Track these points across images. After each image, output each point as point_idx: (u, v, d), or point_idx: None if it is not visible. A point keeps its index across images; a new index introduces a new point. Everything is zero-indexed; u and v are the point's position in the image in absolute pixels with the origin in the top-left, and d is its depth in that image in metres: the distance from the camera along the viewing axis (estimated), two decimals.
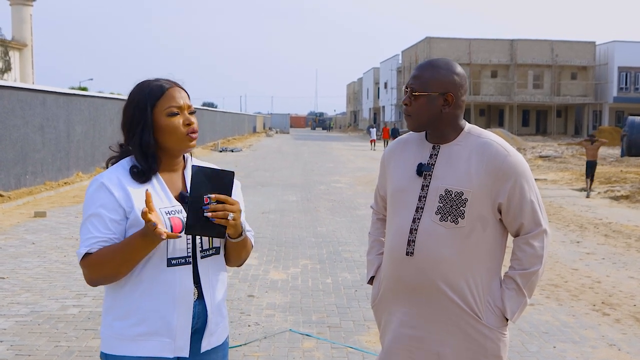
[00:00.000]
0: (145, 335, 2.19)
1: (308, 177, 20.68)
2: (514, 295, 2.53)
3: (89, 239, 2.14)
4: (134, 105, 2.26)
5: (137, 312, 2.19)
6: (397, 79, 75.12)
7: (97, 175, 2.25)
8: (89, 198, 2.20)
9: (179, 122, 2.25)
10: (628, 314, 6.30)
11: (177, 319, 2.21)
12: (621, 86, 62.86)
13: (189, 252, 2.24)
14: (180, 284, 2.21)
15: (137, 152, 2.24)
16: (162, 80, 2.31)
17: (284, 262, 8.28)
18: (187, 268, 2.23)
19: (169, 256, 2.20)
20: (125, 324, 2.20)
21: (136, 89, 2.29)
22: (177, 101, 2.27)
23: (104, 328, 2.26)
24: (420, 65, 2.59)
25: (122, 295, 2.21)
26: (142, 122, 2.23)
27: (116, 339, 2.21)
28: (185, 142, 2.27)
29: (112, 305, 2.24)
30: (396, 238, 2.58)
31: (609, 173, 22.26)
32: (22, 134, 14.90)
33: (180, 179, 2.35)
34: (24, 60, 52.74)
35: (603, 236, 10.60)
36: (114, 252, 2.12)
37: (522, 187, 2.50)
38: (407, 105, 2.57)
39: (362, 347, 5.27)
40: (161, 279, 2.19)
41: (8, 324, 5.69)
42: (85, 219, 2.18)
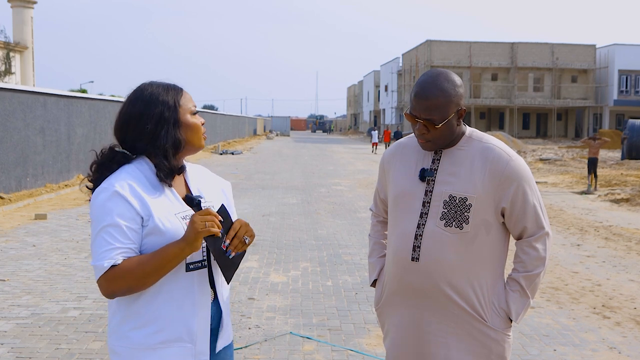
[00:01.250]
0: (167, 343, 2.15)
1: (308, 180, 20.68)
2: (518, 297, 2.55)
3: (109, 250, 2.06)
4: (160, 104, 2.21)
5: (158, 319, 2.15)
6: (398, 81, 75.12)
7: (105, 183, 2.16)
8: (102, 207, 2.11)
9: (200, 121, 2.30)
10: (628, 317, 6.30)
11: (197, 323, 2.20)
12: (621, 89, 62.87)
13: (204, 256, 2.24)
14: (199, 288, 2.21)
15: (169, 152, 2.20)
16: (165, 82, 2.30)
17: (285, 265, 8.28)
18: (203, 272, 2.24)
19: (187, 261, 2.18)
20: (144, 332, 2.15)
21: (155, 90, 2.25)
22: (193, 102, 2.32)
23: (117, 340, 2.18)
24: (425, 92, 2.46)
25: (141, 304, 2.15)
26: (171, 120, 2.21)
27: (135, 349, 2.15)
28: (202, 140, 2.31)
29: (128, 315, 2.17)
30: (401, 243, 2.58)
31: (609, 176, 22.27)
32: (23, 136, 14.91)
33: (183, 182, 2.34)
34: (24, 63, 52.78)
35: (603, 239, 10.60)
36: (146, 262, 2.07)
37: (525, 191, 2.51)
38: (425, 134, 2.50)
39: (363, 349, 5.27)
40: (181, 284, 2.17)
41: (9, 327, 5.69)
42: (101, 229, 2.08)
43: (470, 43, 62.59)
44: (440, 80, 2.48)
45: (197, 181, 2.38)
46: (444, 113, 2.45)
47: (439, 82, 2.47)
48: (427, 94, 2.46)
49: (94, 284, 7.15)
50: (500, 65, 63.14)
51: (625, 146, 32.24)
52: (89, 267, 7.95)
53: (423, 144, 2.54)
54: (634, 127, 32.02)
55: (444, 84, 2.47)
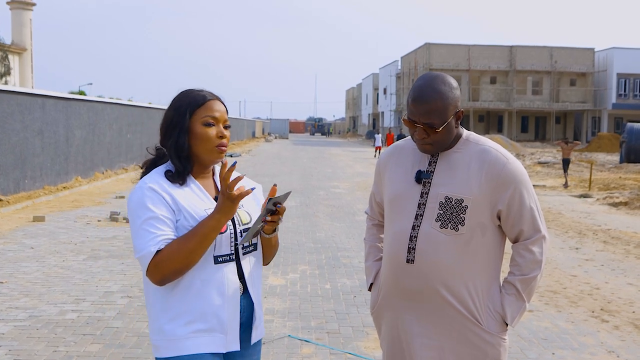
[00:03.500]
0: (199, 333, 2.28)
1: (307, 183, 20.68)
2: (513, 300, 2.54)
3: (153, 238, 2.21)
4: (174, 109, 2.38)
5: (191, 311, 2.28)
6: (397, 84, 75.18)
7: (140, 182, 2.35)
8: (139, 203, 2.27)
9: (212, 133, 2.37)
10: (627, 320, 6.30)
11: (227, 314, 2.32)
12: (620, 93, 62.92)
13: (232, 250, 2.36)
14: (227, 280, 2.33)
15: (172, 153, 2.36)
16: (205, 91, 2.44)
17: (283, 268, 8.28)
18: (232, 265, 2.35)
19: (215, 254, 2.31)
20: (177, 324, 2.28)
21: (180, 95, 2.42)
22: (214, 113, 2.39)
23: (155, 334, 2.33)
24: (423, 96, 2.45)
25: (175, 296, 2.29)
26: (179, 126, 2.35)
27: (169, 341, 2.29)
28: (215, 153, 2.39)
29: (165, 308, 2.30)
30: (396, 245, 2.58)
31: (608, 179, 22.29)
32: (21, 138, 14.90)
33: (213, 185, 2.48)
34: (23, 65, 52.78)
35: (602, 242, 10.60)
36: (187, 240, 2.21)
37: (522, 194, 2.51)
38: (425, 138, 2.50)
39: (361, 353, 5.26)
40: (209, 276, 2.30)
41: (6, 329, 5.68)
42: (142, 222, 2.23)
43: (469, 46, 62.65)
44: (437, 84, 2.47)
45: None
46: (443, 116, 2.45)
47: (435, 86, 2.47)
48: (425, 99, 2.45)
49: (92, 286, 7.15)
50: (499, 69, 63.20)
51: (623, 149, 32.30)
52: (87, 269, 7.94)
53: (423, 148, 2.54)
54: (632, 131, 32.06)
55: (440, 86, 2.47)
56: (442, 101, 2.45)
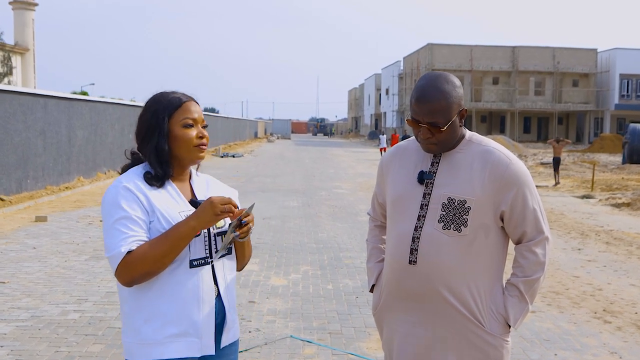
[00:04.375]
0: (174, 337, 2.26)
1: (309, 183, 20.68)
2: (516, 302, 2.53)
3: (125, 238, 2.19)
4: (151, 112, 2.36)
5: (165, 314, 2.26)
6: (399, 85, 75.18)
7: (115, 180, 2.32)
8: (113, 202, 2.25)
9: (192, 134, 2.37)
10: (629, 321, 6.29)
11: (202, 318, 2.30)
12: (622, 93, 62.89)
13: (207, 253, 2.35)
14: (202, 284, 2.31)
15: (152, 158, 2.34)
16: (179, 93, 2.43)
17: (285, 268, 8.27)
18: (207, 268, 2.34)
19: (190, 258, 2.30)
20: (152, 327, 2.26)
21: (156, 98, 2.40)
22: (193, 114, 2.40)
23: (127, 336, 2.31)
24: (426, 96, 2.44)
25: (148, 298, 2.27)
26: (157, 129, 2.34)
27: (143, 344, 2.26)
28: (196, 152, 2.38)
29: (136, 309, 2.28)
30: (398, 246, 2.57)
31: (610, 180, 22.26)
32: (24, 138, 14.91)
33: (189, 188, 2.47)
34: (25, 65, 52.84)
35: (604, 243, 10.59)
36: (159, 243, 2.19)
37: (525, 195, 2.50)
38: (429, 138, 2.49)
39: (363, 353, 5.26)
40: (185, 280, 2.28)
41: (8, 329, 5.68)
42: (115, 221, 2.22)
43: (471, 47, 62.64)
44: (440, 83, 2.46)
45: (202, 188, 2.51)
46: (447, 115, 2.44)
47: (439, 85, 2.46)
48: (428, 98, 2.44)
49: (94, 286, 7.15)
50: (501, 69, 63.19)
51: (626, 150, 32.26)
52: (89, 269, 7.94)
53: (428, 147, 2.53)
54: (635, 132, 32.02)
55: (444, 86, 2.46)
56: (446, 100, 2.44)
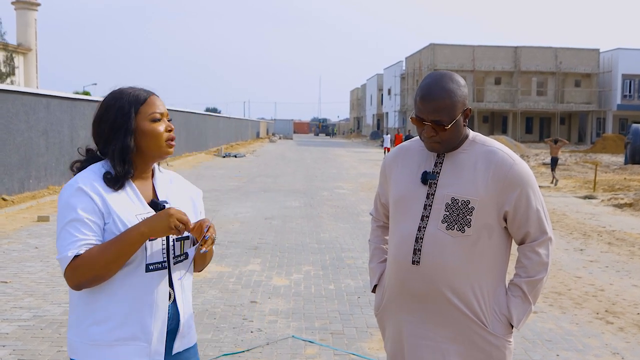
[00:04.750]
0: (123, 340, 2.21)
1: (311, 183, 20.67)
2: (519, 302, 2.53)
3: (74, 242, 2.13)
4: (115, 109, 2.28)
5: (115, 317, 2.21)
6: (401, 85, 75.19)
7: (71, 180, 2.25)
8: (66, 203, 2.19)
9: (161, 128, 2.31)
10: (632, 322, 6.28)
11: (154, 323, 2.25)
12: (625, 94, 62.85)
13: (164, 257, 2.29)
14: (157, 289, 2.26)
15: (116, 157, 2.25)
16: (139, 88, 2.36)
17: (287, 268, 8.27)
18: (163, 273, 2.28)
19: (147, 262, 2.24)
20: (102, 329, 2.21)
21: (117, 95, 2.32)
22: (159, 108, 2.33)
23: (75, 336, 2.25)
24: (431, 94, 2.44)
25: (100, 300, 2.21)
26: (124, 126, 2.26)
27: (91, 345, 2.21)
28: (165, 147, 2.33)
29: (87, 311, 2.23)
30: (401, 247, 2.57)
31: (612, 181, 22.24)
32: (26, 138, 14.92)
33: (151, 188, 2.39)
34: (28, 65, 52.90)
35: (607, 244, 10.58)
36: (107, 248, 2.12)
37: (528, 196, 2.50)
38: (433, 136, 2.48)
39: (365, 354, 5.25)
40: (140, 284, 2.23)
41: (11, 329, 5.68)
42: (66, 223, 2.16)
43: (473, 47, 62.62)
44: (445, 81, 2.47)
45: (165, 187, 2.43)
46: (451, 114, 2.44)
47: (443, 83, 2.46)
48: (433, 96, 2.44)
49: None
50: (503, 69, 63.18)
51: (628, 151, 32.23)
52: None
53: (432, 146, 2.52)
54: (637, 132, 32.00)
55: (449, 84, 2.46)
56: (451, 99, 2.44)
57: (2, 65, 47.33)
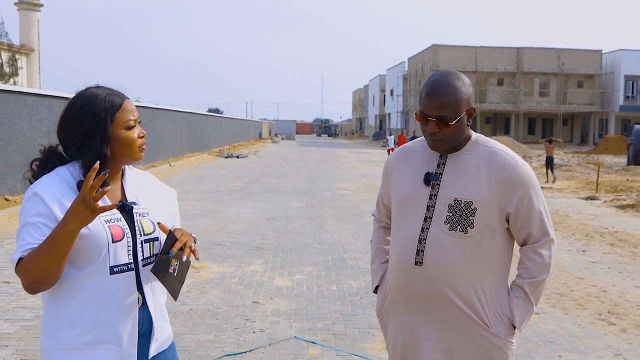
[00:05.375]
0: (92, 344, 2.19)
1: (313, 184, 20.67)
2: (522, 303, 2.54)
3: (23, 245, 2.10)
4: (90, 116, 2.21)
5: (83, 321, 2.18)
6: (403, 86, 75.17)
7: (32, 185, 2.22)
8: (24, 207, 2.17)
9: (135, 135, 2.29)
10: (634, 323, 6.27)
11: (122, 326, 2.22)
12: (627, 95, 62.78)
13: (130, 259, 2.25)
14: (124, 291, 2.22)
15: (89, 164, 2.18)
16: (112, 90, 2.31)
17: (289, 269, 8.27)
18: (129, 275, 2.24)
19: (111, 264, 2.20)
20: (71, 333, 2.18)
21: (90, 99, 2.24)
22: (133, 114, 2.30)
23: (46, 340, 2.23)
24: (437, 89, 2.46)
25: (66, 304, 2.19)
26: (100, 134, 2.21)
27: (61, 350, 2.19)
28: (138, 153, 2.31)
29: (56, 315, 2.21)
30: (404, 247, 2.57)
31: (615, 182, 22.21)
32: (29, 138, 14.94)
33: (120, 189, 2.36)
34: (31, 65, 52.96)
35: (609, 245, 10.57)
36: (41, 250, 2.07)
37: (531, 197, 2.50)
38: (436, 133, 2.49)
39: (367, 354, 5.25)
40: (104, 287, 2.19)
41: (13, 329, 5.69)
42: (21, 227, 2.14)
43: (476, 48, 62.59)
44: (452, 79, 2.49)
45: (136, 189, 2.40)
46: (456, 110, 2.45)
47: (450, 80, 2.48)
48: (439, 92, 2.46)
49: None
50: (506, 70, 63.14)
51: (630, 152, 32.18)
52: None
53: (434, 143, 2.53)
54: (639, 133, 31.95)
55: (455, 81, 2.48)
56: (456, 95, 2.46)
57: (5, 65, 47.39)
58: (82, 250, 2.16)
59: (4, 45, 48.38)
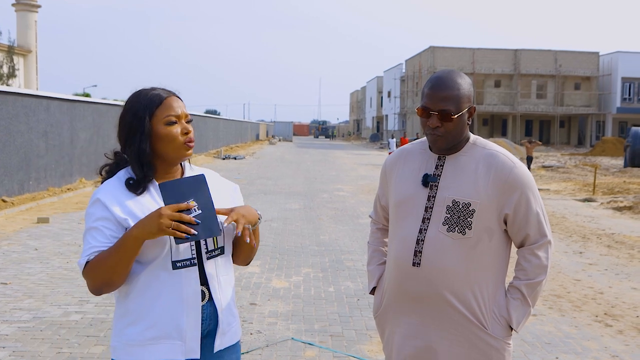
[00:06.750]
0: (156, 339, 2.22)
1: (311, 185, 20.68)
2: (519, 305, 2.55)
3: (88, 249, 2.18)
4: (132, 113, 2.28)
5: (147, 316, 2.22)
6: (401, 87, 75.21)
7: (96, 189, 2.29)
8: (87, 213, 2.24)
9: (177, 131, 2.29)
10: (631, 325, 6.28)
11: (186, 320, 2.24)
12: (624, 97, 62.87)
13: (194, 254, 2.27)
14: (187, 286, 2.25)
15: (133, 161, 2.27)
16: (159, 89, 2.34)
17: (287, 270, 8.28)
18: (192, 270, 2.26)
19: (173, 259, 2.23)
20: (136, 329, 2.23)
21: (134, 98, 2.32)
22: (176, 110, 2.31)
23: (114, 337, 2.29)
24: (440, 83, 2.49)
25: (131, 301, 2.24)
26: (139, 130, 2.26)
27: (128, 345, 2.24)
28: (182, 150, 2.31)
29: (123, 313, 2.27)
30: (402, 248, 2.58)
31: (612, 184, 22.25)
32: (26, 139, 14.93)
33: None
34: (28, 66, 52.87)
35: (606, 247, 10.58)
36: (108, 253, 2.14)
37: (528, 199, 2.51)
38: (438, 127, 2.50)
39: (364, 356, 5.26)
40: (167, 282, 2.23)
41: (10, 330, 5.69)
42: (86, 232, 2.22)
43: (473, 49, 62.65)
44: (454, 75, 2.53)
45: None
46: (458, 105, 2.48)
47: (453, 77, 2.52)
48: (442, 86, 2.49)
49: None
50: (503, 72, 63.18)
51: (627, 154, 32.25)
52: None
53: (434, 139, 2.53)
54: (636, 135, 32.01)
55: (458, 78, 2.52)
56: (459, 90, 2.49)
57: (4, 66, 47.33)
58: (145, 246, 2.19)
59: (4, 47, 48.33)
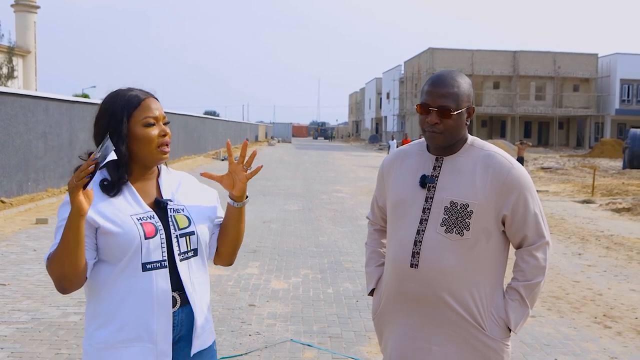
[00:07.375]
0: (126, 342, 2.19)
1: (309, 187, 20.68)
2: (517, 306, 2.54)
3: (52, 246, 2.15)
4: (109, 114, 2.25)
5: (117, 318, 2.20)
6: (400, 89, 75.22)
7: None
8: (58, 212, 2.22)
9: (154, 133, 2.26)
10: (629, 326, 6.29)
11: (156, 323, 2.21)
12: (623, 98, 62.92)
13: (164, 256, 2.24)
14: (157, 288, 2.21)
15: (110, 163, 2.21)
16: (136, 90, 2.31)
17: (285, 272, 8.28)
18: (163, 272, 2.23)
19: (143, 261, 2.19)
20: (106, 331, 2.21)
21: (111, 99, 2.28)
22: (154, 112, 2.28)
23: (85, 340, 2.27)
24: (440, 81, 2.51)
25: (100, 303, 2.22)
26: (117, 132, 2.22)
27: (98, 348, 2.22)
28: (157, 153, 2.28)
29: (93, 315, 2.25)
30: (400, 250, 2.58)
31: (610, 185, 22.26)
32: (25, 140, 14.92)
33: (155, 187, 2.36)
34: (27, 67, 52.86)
35: (605, 248, 10.59)
36: (58, 245, 2.10)
37: (526, 200, 2.51)
38: (437, 124, 2.50)
39: (363, 357, 5.26)
40: (137, 284, 2.19)
41: (9, 331, 5.68)
42: (55, 231, 2.20)
43: (472, 51, 62.68)
44: (455, 74, 2.55)
45: (172, 187, 2.40)
46: (458, 102, 2.49)
47: (453, 75, 2.55)
48: (442, 83, 2.51)
49: None
50: (502, 74, 63.21)
51: (626, 155, 32.27)
52: None
53: (433, 136, 2.53)
54: (635, 137, 32.04)
55: (458, 77, 2.54)
56: (459, 87, 2.51)
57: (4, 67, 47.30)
58: (114, 247, 2.17)
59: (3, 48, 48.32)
